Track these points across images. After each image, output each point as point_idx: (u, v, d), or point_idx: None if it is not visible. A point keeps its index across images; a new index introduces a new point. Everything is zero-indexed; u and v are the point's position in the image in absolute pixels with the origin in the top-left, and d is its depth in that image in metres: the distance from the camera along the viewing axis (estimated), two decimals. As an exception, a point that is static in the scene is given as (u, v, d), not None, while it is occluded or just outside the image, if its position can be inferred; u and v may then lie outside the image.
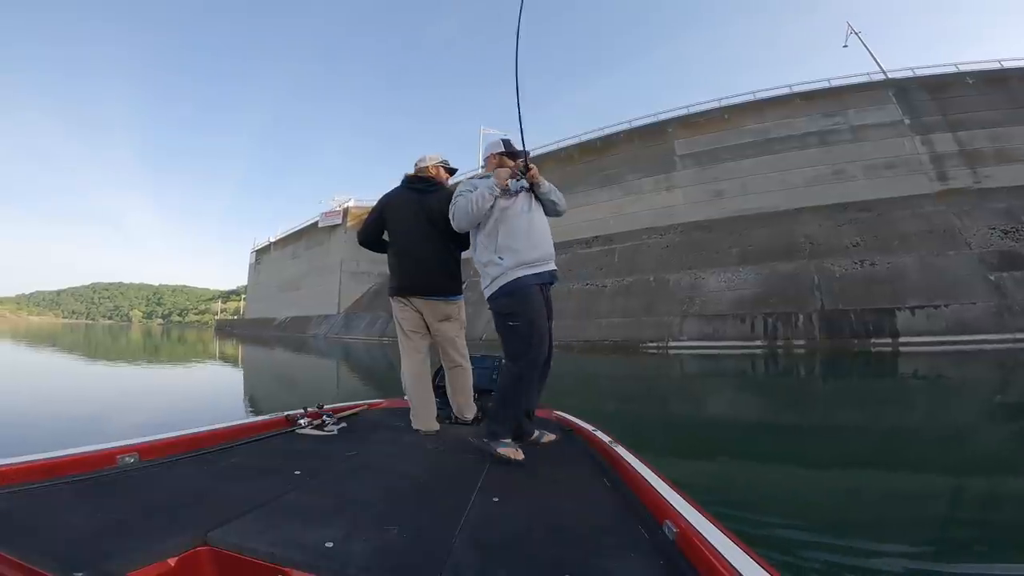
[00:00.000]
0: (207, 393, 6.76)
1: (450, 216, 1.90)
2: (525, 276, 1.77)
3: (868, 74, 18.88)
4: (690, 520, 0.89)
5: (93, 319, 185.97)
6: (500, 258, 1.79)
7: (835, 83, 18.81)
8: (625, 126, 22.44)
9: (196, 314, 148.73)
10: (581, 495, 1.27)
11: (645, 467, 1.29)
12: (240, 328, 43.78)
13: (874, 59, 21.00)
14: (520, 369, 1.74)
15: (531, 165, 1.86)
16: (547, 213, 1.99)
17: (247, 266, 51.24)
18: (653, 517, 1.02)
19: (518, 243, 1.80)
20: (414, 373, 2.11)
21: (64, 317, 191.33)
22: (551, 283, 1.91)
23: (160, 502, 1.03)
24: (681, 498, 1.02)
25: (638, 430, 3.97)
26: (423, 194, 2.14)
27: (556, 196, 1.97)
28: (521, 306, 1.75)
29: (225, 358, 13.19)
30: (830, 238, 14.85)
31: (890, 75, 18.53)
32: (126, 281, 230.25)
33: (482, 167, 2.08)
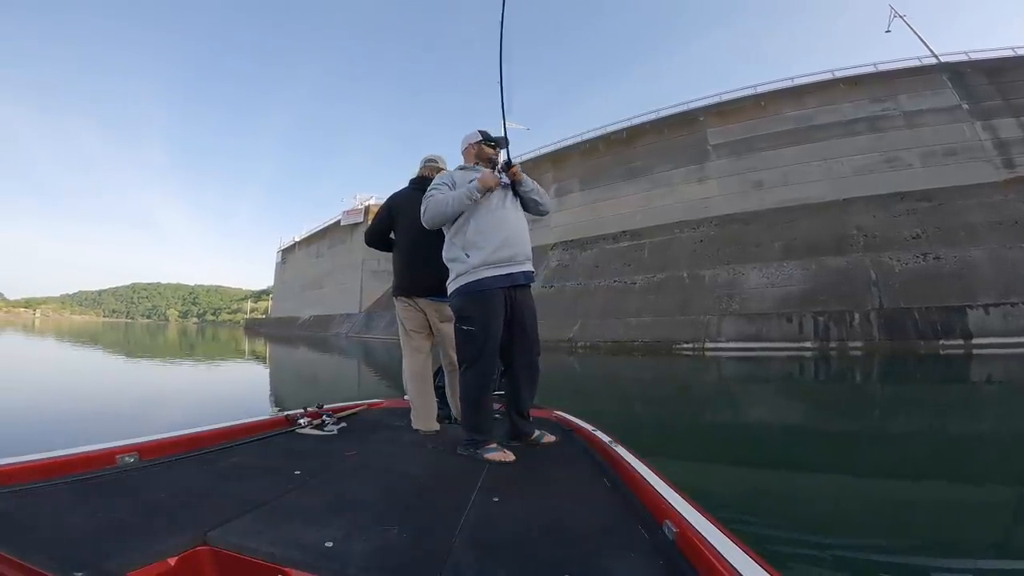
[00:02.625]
0: (238, 391, 6.72)
1: (422, 210, 1.81)
2: (489, 277, 1.70)
3: (919, 58, 17.69)
4: (690, 520, 0.88)
5: (132, 318, 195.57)
6: (467, 255, 1.73)
7: (882, 68, 17.71)
8: (652, 116, 21.64)
9: (229, 313, 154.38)
10: (581, 495, 1.26)
11: (645, 467, 1.27)
12: (267, 327, 44.91)
13: (923, 42, 19.65)
14: (472, 376, 1.70)
15: (514, 163, 1.82)
16: (527, 211, 1.92)
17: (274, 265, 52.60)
18: (653, 517, 1.00)
19: (487, 240, 1.72)
20: (415, 373, 2.11)
21: (104, 316, 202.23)
22: (526, 284, 1.81)
23: (160, 502, 1.03)
24: (681, 498, 1.01)
25: (662, 436, 3.77)
26: None
27: (539, 195, 1.90)
28: (477, 311, 1.69)
29: (255, 356, 13.42)
30: (886, 230, 13.77)
31: (943, 59, 17.25)
32: (163, 281, 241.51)
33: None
